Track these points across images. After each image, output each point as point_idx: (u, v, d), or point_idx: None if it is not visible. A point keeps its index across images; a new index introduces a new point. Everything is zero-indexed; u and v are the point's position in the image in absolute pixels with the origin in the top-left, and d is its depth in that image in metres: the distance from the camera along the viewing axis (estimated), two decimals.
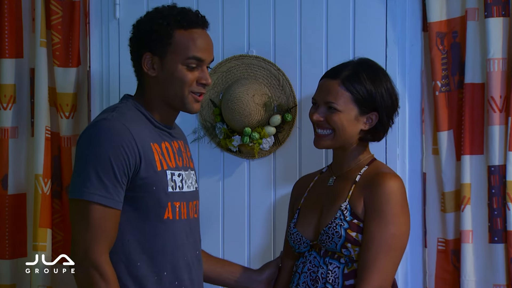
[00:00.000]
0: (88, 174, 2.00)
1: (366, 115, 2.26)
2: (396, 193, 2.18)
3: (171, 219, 2.13)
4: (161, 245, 2.11)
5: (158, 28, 2.13)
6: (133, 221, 2.09)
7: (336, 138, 2.26)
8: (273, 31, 2.85)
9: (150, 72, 2.15)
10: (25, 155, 3.15)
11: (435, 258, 2.73)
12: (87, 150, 2.04)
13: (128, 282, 2.08)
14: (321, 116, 2.26)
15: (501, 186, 2.60)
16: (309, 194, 2.41)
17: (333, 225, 2.21)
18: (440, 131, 2.68)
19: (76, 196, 2.01)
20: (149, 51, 2.14)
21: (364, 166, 2.29)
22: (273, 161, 2.87)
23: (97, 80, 3.09)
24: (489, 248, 2.62)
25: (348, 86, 2.23)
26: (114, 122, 2.06)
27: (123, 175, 2.03)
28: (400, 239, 2.18)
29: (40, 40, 3.02)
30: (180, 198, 2.17)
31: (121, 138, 2.03)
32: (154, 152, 2.11)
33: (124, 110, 2.14)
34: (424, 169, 2.74)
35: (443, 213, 2.71)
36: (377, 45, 2.74)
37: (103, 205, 2.00)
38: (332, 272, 2.22)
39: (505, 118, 2.59)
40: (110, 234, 2.03)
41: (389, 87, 2.27)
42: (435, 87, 2.68)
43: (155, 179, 2.09)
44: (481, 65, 2.64)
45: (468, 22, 2.64)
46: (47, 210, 3.04)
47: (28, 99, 3.14)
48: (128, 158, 2.03)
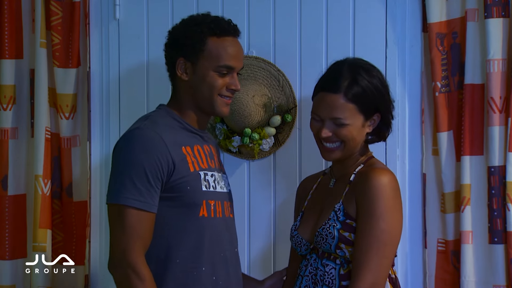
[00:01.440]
0: (123, 181, 2.14)
1: (371, 118, 2.26)
2: (385, 187, 2.14)
3: (206, 216, 2.24)
4: (198, 242, 2.22)
5: (192, 35, 2.26)
6: (170, 219, 2.20)
7: (346, 149, 2.26)
8: (273, 31, 2.85)
9: (183, 77, 2.28)
10: (25, 156, 3.15)
11: (435, 258, 2.73)
12: (122, 157, 2.18)
13: (167, 279, 2.19)
14: (329, 132, 2.24)
15: (501, 186, 2.60)
16: (312, 196, 2.42)
17: (326, 226, 2.21)
18: (440, 131, 2.68)
19: (113, 201, 2.16)
20: (182, 56, 2.26)
21: (360, 165, 2.29)
22: (273, 161, 2.87)
23: (97, 81, 3.09)
24: (489, 248, 2.63)
25: (352, 97, 2.20)
26: (146, 131, 2.19)
27: (157, 179, 2.15)
28: (391, 234, 2.15)
29: (40, 40, 3.02)
30: (214, 197, 2.28)
31: (154, 145, 2.16)
32: (186, 155, 2.23)
33: (156, 119, 2.26)
34: (424, 169, 2.74)
35: (443, 213, 2.71)
36: (377, 45, 2.74)
37: (137, 208, 2.13)
38: (328, 274, 2.22)
39: (505, 119, 2.59)
40: (145, 236, 2.15)
41: (383, 84, 2.26)
42: (435, 88, 2.68)
43: (189, 179, 2.21)
44: (481, 66, 2.64)
45: (468, 23, 2.64)
46: (47, 211, 3.03)
47: (28, 100, 3.14)
48: (160, 164, 2.15)
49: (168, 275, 2.19)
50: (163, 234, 2.19)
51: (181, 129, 2.28)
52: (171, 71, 2.33)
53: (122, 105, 3.05)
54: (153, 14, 3.01)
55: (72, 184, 3.07)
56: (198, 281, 2.21)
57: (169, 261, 2.20)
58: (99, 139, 3.08)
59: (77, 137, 3.09)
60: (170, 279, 2.19)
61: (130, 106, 3.03)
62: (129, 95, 3.04)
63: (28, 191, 3.13)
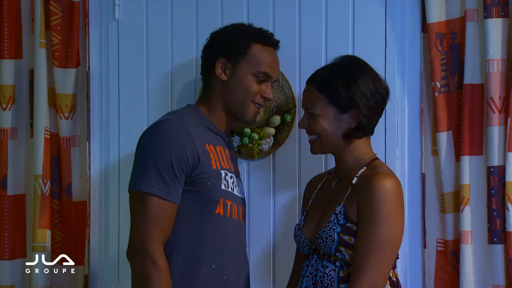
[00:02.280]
0: (148, 169, 2.16)
1: (347, 113, 2.26)
2: (388, 192, 2.14)
3: (222, 215, 2.27)
4: (211, 239, 2.24)
5: (238, 38, 2.35)
6: (186, 213, 2.22)
7: (324, 142, 2.29)
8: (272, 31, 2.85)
9: (221, 76, 2.35)
10: (24, 155, 3.15)
11: (435, 258, 2.72)
12: (148, 146, 2.20)
13: (178, 273, 2.20)
14: (305, 124, 2.31)
15: (500, 186, 2.59)
16: (316, 196, 2.42)
17: (327, 229, 2.21)
18: (439, 131, 2.68)
19: (136, 189, 2.17)
20: (224, 56, 2.33)
21: (363, 167, 2.28)
22: (272, 162, 2.87)
23: (97, 81, 3.09)
24: (489, 248, 2.62)
25: (322, 89, 2.26)
26: (175, 123, 2.23)
27: (182, 171, 2.17)
28: (391, 239, 2.14)
29: (39, 41, 3.02)
30: (231, 198, 2.31)
31: (181, 137, 2.19)
32: (210, 152, 2.26)
33: (184, 114, 2.31)
34: (423, 169, 2.74)
35: (442, 213, 2.71)
36: (377, 45, 2.74)
37: (160, 197, 2.14)
38: (328, 276, 2.21)
39: (504, 119, 2.59)
40: (166, 226, 2.17)
41: (363, 83, 2.25)
42: (434, 88, 2.68)
43: (210, 176, 2.24)
44: (481, 66, 2.64)
45: (467, 23, 2.64)
46: (46, 211, 3.04)
47: (27, 100, 3.14)
48: (187, 156, 2.18)
49: (179, 269, 2.21)
50: (177, 227, 2.21)
51: (206, 128, 2.32)
52: (209, 70, 2.38)
53: (121, 105, 3.05)
54: (152, 14, 3.01)
55: (71, 184, 3.07)
56: (207, 278, 2.23)
57: (180, 254, 2.21)
58: (98, 139, 3.08)
59: (77, 137, 3.09)
60: (181, 274, 2.21)
61: (129, 106, 3.03)
62: (128, 95, 3.04)
63: (28, 191, 3.13)
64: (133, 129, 3.00)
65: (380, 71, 2.70)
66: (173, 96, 2.97)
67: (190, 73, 2.95)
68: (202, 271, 2.22)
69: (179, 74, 2.96)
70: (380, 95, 2.29)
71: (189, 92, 2.95)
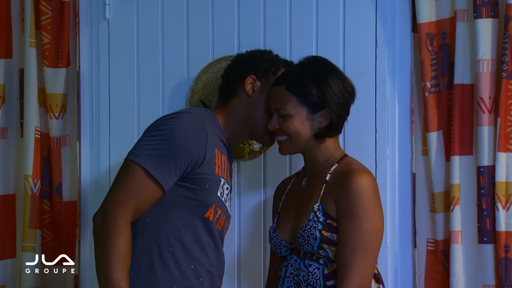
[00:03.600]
0: (152, 146, 2.13)
1: (318, 113, 2.26)
2: (366, 188, 2.16)
3: (211, 220, 2.25)
4: (193, 240, 2.21)
5: (269, 60, 2.42)
6: (178, 209, 2.19)
7: (294, 142, 2.29)
8: (263, 31, 2.85)
9: (249, 92, 2.37)
10: (14, 155, 3.14)
11: (425, 258, 2.73)
12: (161, 129, 2.17)
13: (156, 264, 2.17)
14: (276, 125, 2.29)
15: (490, 186, 2.60)
16: (287, 197, 2.42)
17: (308, 228, 2.21)
18: (429, 131, 2.69)
19: (131, 158, 2.13)
20: (255, 74, 2.37)
21: (334, 164, 2.29)
22: (263, 161, 2.87)
23: (87, 81, 3.08)
24: (478, 248, 2.63)
25: (292, 89, 2.25)
26: (194, 116, 2.21)
27: (183, 163, 2.14)
28: (375, 234, 2.17)
29: (29, 40, 3.01)
30: (223, 208, 2.30)
31: (197, 131, 2.18)
32: (216, 157, 2.24)
33: (204, 113, 2.31)
34: (413, 169, 2.75)
35: (432, 213, 2.71)
36: (367, 45, 2.75)
37: (151, 174, 2.10)
38: (312, 274, 2.22)
39: (494, 119, 2.59)
40: (142, 203, 2.12)
41: (333, 82, 2.26)
42: (424, 88, 2.69)
43: (211, 179, 2.22)
44: (470, 66, 2.65)
45: (457, 23, 2.64)
46: (36, 211, 3.03)
47: (17, 100, 3.13)
48: (194, 151, 2.16)
49: (158, 260, 2.18)
50: (165, 219, 2.18)
51: (217, 135, 2.31)
52: (236, 85, 2.39)
53: (112, 105, 3.04)
54: (143, 14, 3.01)
55: (61, 184, 3.06)
56: (185, 276, 2.21)
57: (163, 247, 2.18)
58: (88, 139, 3.07)
59: (67, 137, 3.08)
60: (159, 266, 2.18)
61: (120, 106, 3.02)
62: (119, 95, 3.03)
63: (18, 191, 3.12)
64: (123, 129, 3.00)
65: (370, 71, 2.72)
66: (164, 96, 2.97)
67: (181, 73, 2.94)
68: (180, 268, 2.19)
69: (170, 74, 2.96)
70: (349, 94, 2.30)
71: (180, 92, 2.94)
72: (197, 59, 2.91)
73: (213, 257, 2.28)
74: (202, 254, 2.24)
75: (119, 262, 2.02)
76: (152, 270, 2.17)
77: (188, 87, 2.92)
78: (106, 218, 2.07)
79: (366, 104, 2.73)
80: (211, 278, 2.28)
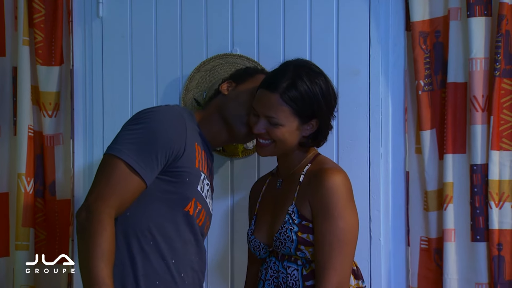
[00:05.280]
0: (133, 140, 2.11)
1: (307, 123, 2.25)
2: (339, 186, 2.16)
3: (191, 214, 2.23)
4: (174, 234, 2.20)
5: (248, 69, 2.48)
6: (158, 202, 2.17)
7: (277, 148, 2.27)
8: (256, 29, 2.85)
9: (223, 91, 2.39)
10: (7, 154, 3.13)
11: (418, 256, 2.74)
12: (141, 121, 2.16)
13: (137, 258, 2.16)
14: (262, 129, 2.25)
15: (483, 185, 2.61)
16: (262, 198, 2.42)
17: (283, 230, 2.22)
18: (423, 130, 2.69)
19: (113, 152, 2.11)
20: (231, 79, 2.42)
21: (307, 164, 2.29)
22: (256, 160, 2.87)
23: (80, 79, 3.08)
24: (472, 246, 2.64)
25: (287, 100, 2.20)
26: (173, 109, 2.22)
27: (163, 156, 2.13)
28: (350, 232, 2.17)
29: (22, 38, 3.01)
30: (203, 203, 2.28)
31: (177, 122, 2.17)
32: (196, 151, 2.24)
33: (183, 109, 2.32)
34: (407, 168, 2.75)
35: (426, 212, 2.72)
36: (361, 44, 2.75)
37: (133, 168, 2.09)
38: (291, 276, 2.22)
39: (487, 117, 2.60)
40: (125, 198, 2.10)
41: (325, 91, 2.24)
42: (418, 86, 2.69)
43: (191, 172, 2.21)
44: (464, 65, 2.65)
45: (450, 22, 2.65)
46: (29, 209, 3.02)
47: (10, 98, 3.12)
48: (174, 142, 2.14)
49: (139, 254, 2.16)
50: (146, 214, 2.17)
51: (197, 131, 2.31)
52: (216, 93, 2.43)
53: (105, 103, 3.04)
54: (137, 12, 3.00)
55: (55, 183, 3.06)
56: (167, 271, 2.19)
57: (143, 241, 2.16)
58: (82, 138, 3.07)
59: (60, 135, 3.07)
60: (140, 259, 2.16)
61: (113, 104, 3.02)
62: (112, 93, 3.03)
63: (11, 189, 3.11)
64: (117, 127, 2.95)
65: (364, 69, 2.73)
66: (158, 94, 2.96)
67: (174, 71, 2.94)
68: (161, 262, 2.18)
69: (163, 72, 2.96)
70: (335, 100, 2.30)
71: (173, 90, 2.94)
72: (191, 57, 2.91)
73: (194, 253, 2.27)
74: (184, 249, 2.23)
75: (104, 258, 2.00)
76: (133, 264, 2.16)
77: (181, 85, 2.92)
78: (90, 215, 2.04)
79: (360, 103, 2.74)
80: (193, 274, 2.26)
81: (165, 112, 2.19)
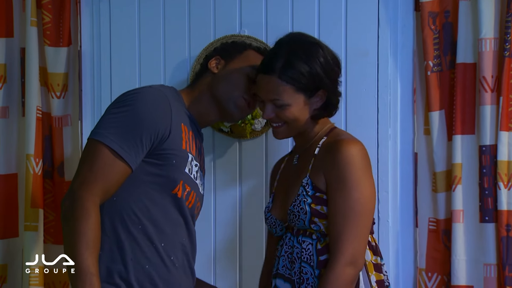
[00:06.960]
0: (116, 124, 2.07)
1: (315, 95, 2.22)
2: (354, 157, 2.12)
3: (179, 197, 2.19)
4: (163, 217, 2.16)
5: (236, 42, 2.44)
6: (144, 186, 2.14)
7: (291, 127, 2.25)
8: (265, 10, 2.84)
9: (213, 69, 2.34)
10: (16, 135, 3.14)
11: (426, 237, 2.73)
12: (124, 104, 2.11)
13: (125, 242, 2.13)
14: (271, 114, 2.23)
15: (492, 166, 2.60)
16: (281, 176, 2.41)
17: (297, 203, 2.19)
18: (431, 111, 2.68)
19: (96, 137, 2.07)
20: (219, 55, 2.36)
21: (322, 137, 2.26)
22: (265, 141, 2.87)
23: (88, 60, 3.08)
24: (480, 227, 2.63)
25: (287, 79, 2.17)
26: (157, 90, 2.17)
27: (148, 139, 2.09)
28: (365, 203, 2.13)
29: (30, 19, 3.00)
30: (192, 185, 2.23)
31: (161, 103, 2.13)
32: (183, 132, 2.19)
33: (168, 89, 2.27)
34: (415, 149, 2.75)
35: (434, 193, 2.72)
36: (369, 25, 2.74)
37: (117, 153, 2.05)
38: (306, 250, 2.20)
39: (496, 98, 2.59)
40: (111, 184, 2.06)
41: (323, 61, 2.20)
42: (427, 67, 2.68)
43: (178, 154, 2.16)
44: (473, 45, 2.64)
45: (460, 2, 2.63)
46: (38, 190, 3.03)
47: (18, 79, 3.13)
48: (158, 124, 2.10)
49: (127, 239, 2.13)
50: (133, 197, 2.13)
51: (183, 111, 2.26)
52: (203, 69, 2.38)
53: (113, 84, 3.04)
54: None
55: (63, 164, 3.07)
56: (155, 254, 2.16)
57: (132, 225, 2.13)
58: (90, 119, 3.07)
59: (68, 116, 3.08)
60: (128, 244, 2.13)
61: (121, 85, 3.01)
62: (120, 74, 3.03)
63: (20, 170, 3.12)
64: None
65: (372, 50, 2.72)
66: (166, 75, 2.96)
67: (182, 52, 2.94)
68: (150, 246, 2.15)
69: (171, 53, 2.95)
70: (337, 66, 2.26)
71: (181, 71, 2.94)
72: (199, 38, 2.91)
73: (184, 235, 2.23)
74: (173, 232, 2.19)
75: (89, 247, 1.98)
76: (121, 249, 2.13)
77: (189, 66, 2.92)
78: (74, 202, 2.01)
79: (368, 84, 2.73)
80: (183, 257, 2.23)
81: (148, 93, 2.14)
